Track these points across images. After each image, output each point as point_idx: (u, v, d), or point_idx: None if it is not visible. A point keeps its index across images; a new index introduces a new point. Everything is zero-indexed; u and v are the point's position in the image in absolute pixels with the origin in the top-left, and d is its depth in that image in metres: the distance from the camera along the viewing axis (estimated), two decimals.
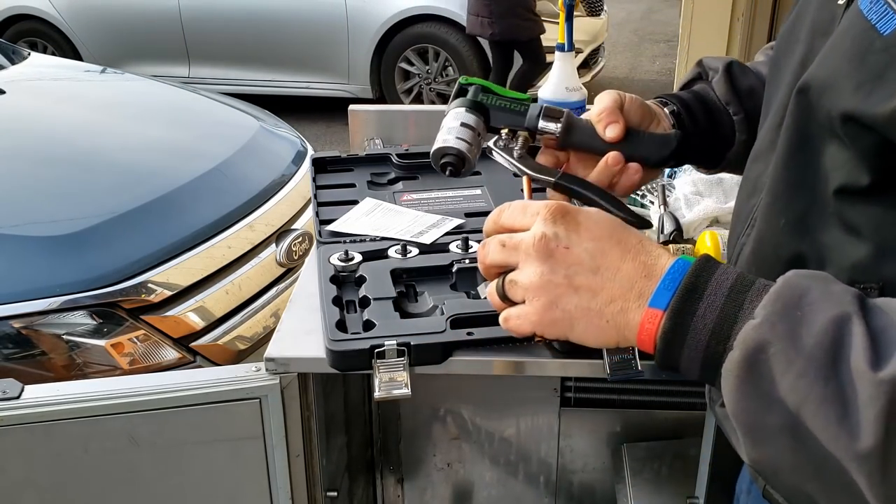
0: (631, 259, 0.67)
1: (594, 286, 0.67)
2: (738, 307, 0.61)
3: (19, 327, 1.86)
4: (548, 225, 0.69)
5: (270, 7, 5.91)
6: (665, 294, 0.64)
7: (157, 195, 2.22)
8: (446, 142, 0.91)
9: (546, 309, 0.68)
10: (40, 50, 6.00)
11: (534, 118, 0.91)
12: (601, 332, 0.67)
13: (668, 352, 0.64)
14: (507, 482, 1.74)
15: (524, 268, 0.69)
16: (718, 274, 0.64)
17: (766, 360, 0.58)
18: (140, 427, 1.03)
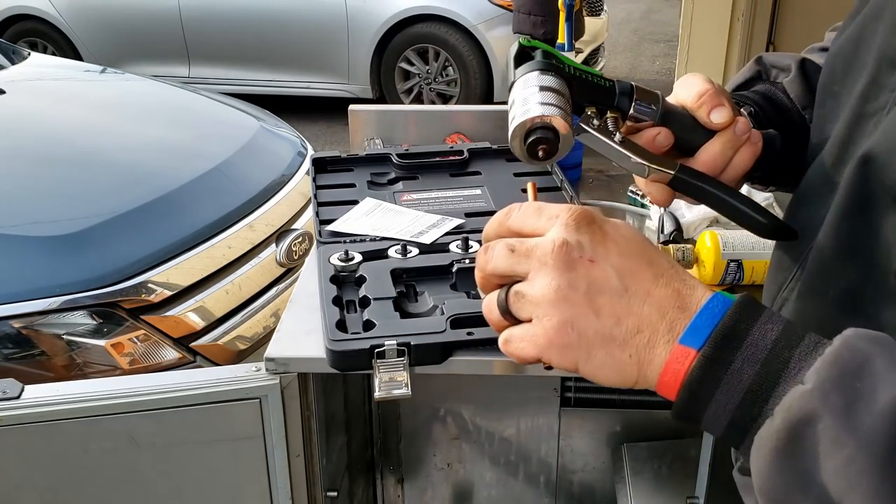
0: (664, 284, 0.56)
1: (619, 310, 0.56)
2: (783, 365, 0.52)
3: (19, 327, 1.86)
4: (570, 231, 0.57)
5: (270, 7, 5.92)
6: (700, 332, 0.54)
7: (157, 195, 2.23)
8: (528, 112, 0.68)
9: (559, 330, 0.56)
10: (40, 50, 6.00)
11: (625, 98, 0.74)
12: (620, 368, 0.56)
13: (692, 404, 0.55)
14: (507, 482, 1.74)
15: (536, 278, 0.57)
16: (763, 321, 0.54)
17: (811, 436, 0.48)
18: (140, 427, 1.03)
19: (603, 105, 0.73)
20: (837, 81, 0.73)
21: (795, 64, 0.86)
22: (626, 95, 0.73)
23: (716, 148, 0.74)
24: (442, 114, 1.72)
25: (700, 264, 1.24)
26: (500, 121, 1.63)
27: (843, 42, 0.74)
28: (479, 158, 1.46)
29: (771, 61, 0.89)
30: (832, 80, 0.75)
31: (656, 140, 0.73)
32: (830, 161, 0.70)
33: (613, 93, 0.73)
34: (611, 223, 0.59)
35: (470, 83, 5.85)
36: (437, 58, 5.92)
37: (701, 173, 0.72)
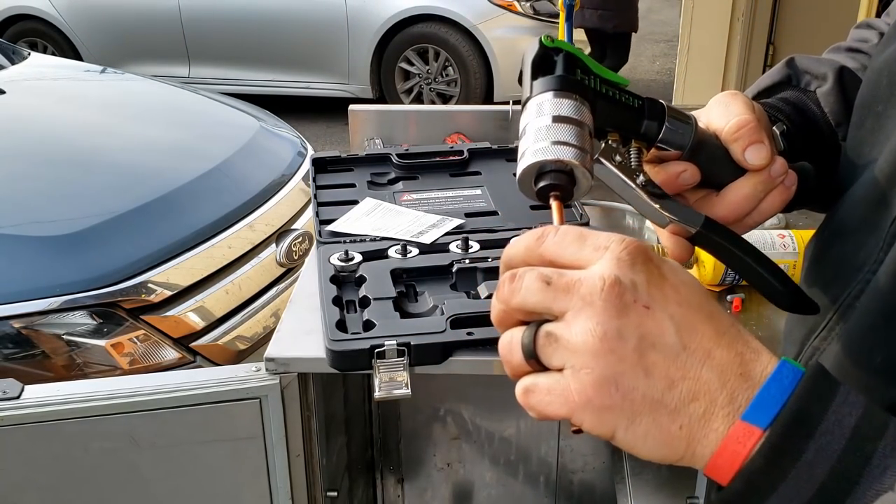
0: (726, 345, 0.47)
1: (673, 372, 0.46)
2: (865, 461, 0.43)
3: (19, 327, 1.86)
4: (623, 268, 0.47)
5: (270, 7, 5.92)
6: (768, 409, 0.45)
7: (157, 195, 2.23)
8: (539, 153, 0.58)
9: (599, 387, 0.46)
10: (40, 50, 6.01)
11: (654, 124, 0.63)
12: (667, 442, 0.47)
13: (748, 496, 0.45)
14: (507, 482, 1.74)
15: (577, 321, 0.46)
16: (839, 402, 0.45)
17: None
18: (140, 427, 1.03)
19: (628, 131, 0.63)
20: (881, 101, 0.65)
21: (833, 73, 0.76)
22: (656, 120, 0.63)
23: (746, 190, 0.64)
24: (442, 114, 1.72)
25: (700, 264, 1.24)
26: (500, 121, 1.63)
27: (889, 57, 0.66)
28: (479, 158, 1.46)
29: (804, 66, 0.79)
30: (875, 98, 0.66)
31: (681, 177, 0.64)
32: (873, 195, 0.61)
33: (642, 116, 0.63)
34: (668, 264, 0.50)
35: (470, 83, 5.85)
36: (437, 58, 5.93)
37: (726, 229, 0.62)
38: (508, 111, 1.63)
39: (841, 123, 0.74)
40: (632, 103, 0.63)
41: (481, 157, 1.46)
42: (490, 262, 1.13)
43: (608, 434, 0.47)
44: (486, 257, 1.14)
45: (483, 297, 1.06)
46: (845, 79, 0.76)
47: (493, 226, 1.23)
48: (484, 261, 1.13)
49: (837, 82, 0.75)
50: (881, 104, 0.65)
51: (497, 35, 5.73)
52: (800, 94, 0.77)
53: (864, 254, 0.61)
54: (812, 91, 0.77)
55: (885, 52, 0.67)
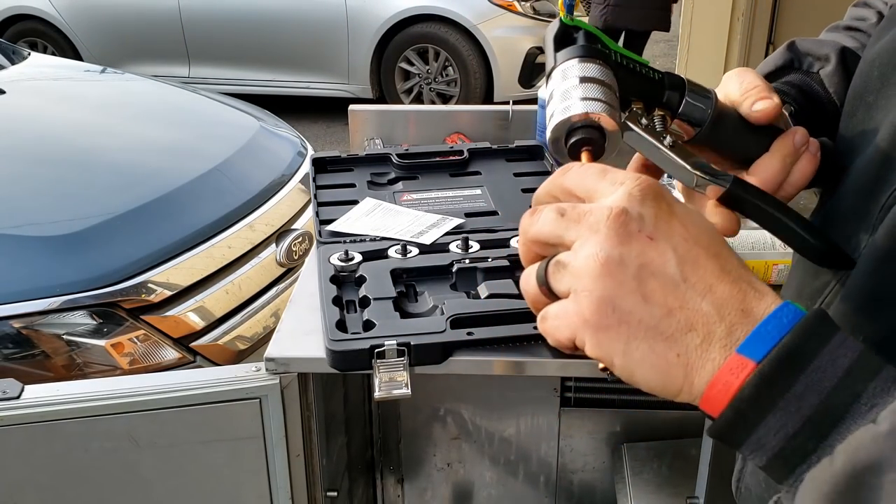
0: (729, 282, 0.48)
1: (671, 301, 0.48)
2: (854, 398, 0.44)
3: (19, 327, 1.86)
4: (633, 201, 0.49)
5: (270, 7, 5.92)
6: (763, 343, 0.46)
7: (157, 195, 2.23)
8: (569, 109, 0.59)
9: (596, 308, 0.48)
10: (40, 50, 6.01)
11: (675, 94, 0.65)
12: (664, 369, 0.48)
13: (737, 426, 0.47)
14: (507, 482, 1.74)
15: (583, 247, 0.49)
16: (835, 344, 0.46)
17: (876, 487, 0.41)
18: (140, 427, 1.03)
19: (650, 100, 0.65)
20: (872, 92, 0.66)
21: (835, 54, 0.77)
22: (677, 91, 0.65)
23: (774, 162, 0.65)
24: (442, 114, 1.72)
25: None
26: (500, 121, 1.63)
27: (880, 50, 0.67)
28: (479, 158, 1.46)
29: (805, 48, 0.79)
30: (866, 89, 0.67)
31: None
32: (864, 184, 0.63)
33: (663, 87, 0.65)
34: (682, 205, 0.51)
35: (470, 83, 5.85)
36: (437, 58, 5.93)
37: (756, 188, 0.64)
38: (508, 111, 1.63)
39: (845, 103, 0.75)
40: (652, 75, 0.65)
41: (481, 157, 1.46)
42: (490, 262, 1.12)
43: (607, 358, 0.50)
44: (486, 257, 1.14)
45: (483, 297, 1.06)
46: (848, 59, 0.76)
47: (493, 226, 1.23)
48: (484, 261, 1.13)
49: (840, 63, 0.76)
50: (872, 95, 0.66)
51: (497, 35, 5.73)
52: (803, 76, 0.77)
53: (854, 241, 0.62)
54: (815, 73, 0.77)
55: (878, 44, 0.68)
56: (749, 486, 0.77)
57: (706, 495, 1.24)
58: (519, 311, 1.01)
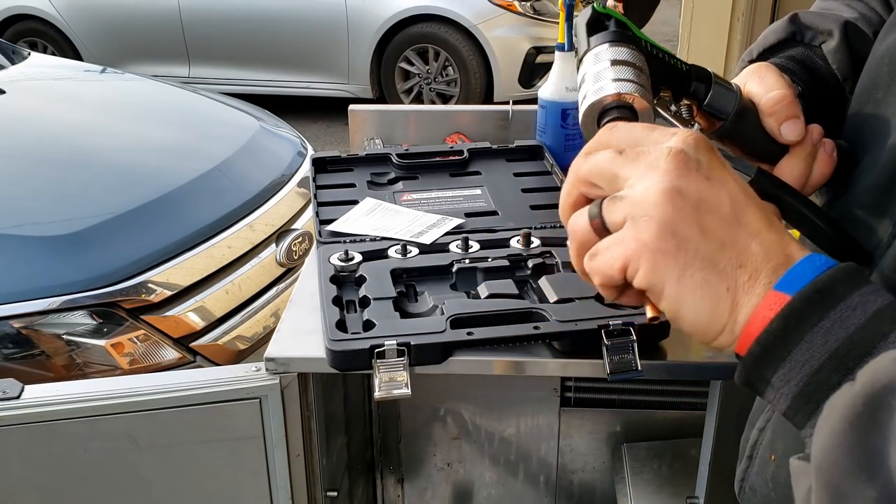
0: (775, 232, 0.50)
1: (726, 237, 0.49)
2: (881, 336, 0.45)
3: (19, 327, 1.86)
4: (689, 146, 0.51)
5: (270, 7, 5.92)
6: (798, 281, 0.47)
7: (157, 195, 2.23)
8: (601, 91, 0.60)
9: (658, 232, 0.49)
10: (40, 50, 6.01)
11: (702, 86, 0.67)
12: (714, 301, 0.49)
13: (762, 361, 0.48)
14: (507, 482, 1.74)
15: (642, 180, 0.50)
16: (868, 290, 0.47)
17: (894, 408, 0.41)
18: (140, 427, 1.03)
19: (678, 90, 0.66)
20: (882, 88, 0.66)
21: (838, 28, 0.76)
22: (704, 83, 0.66)
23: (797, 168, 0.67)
24: (442, 114, 1.72)
25: None
26: (500, 121, 1.63)
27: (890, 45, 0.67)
28: (479, 158, 1.46)
29: (808, 22, 0.79)
30: (875, 85, 0.67)
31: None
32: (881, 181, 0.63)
33: (690, 77, 0.66)
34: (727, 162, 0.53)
35: (470, 83, 5.85)
36: (437, 58, 5.92)
37: (780, 180, 0.65)
38: (508, 111, 1.63)
39: (848, 78, 0.75)
40: (680, 66, 0.66)
41: (481, 157, 1.46)
42: (490, 262, 1.13)
43: (660, 285, 0.49)
44: (486, 257, 1.14)
45: (483, 297, 1.06)
46: (850, 33, 0.76)
47: (493, 226, 1.23)
48: (484, 261, 1.13)
49: (843, 38, 0.76)
50: (881, 91, 0.66)
51: (497, 35, 5.73)
52: (805, 50, 0.78)
53: (874, 240, 0.62)
54: (817, 46, 0.77)
55: (888, 39, 0.67)
56: (754, 486, 0.77)
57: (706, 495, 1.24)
58: (519, 311, 1.01)
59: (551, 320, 0.98)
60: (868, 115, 0.67)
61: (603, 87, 0.60)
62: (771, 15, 4.66)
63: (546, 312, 0.99)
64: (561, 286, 1.04)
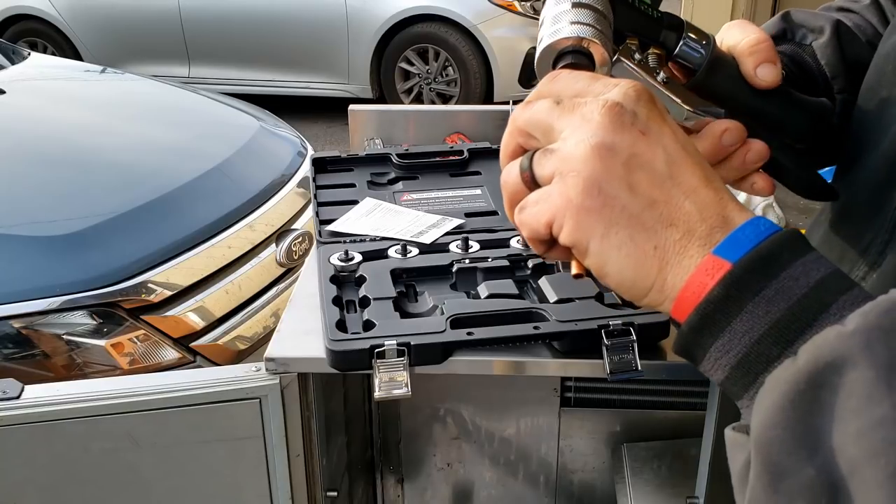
0: (713, 189, 0.48)
1: (656, 195, 0.47)
2: (824, 307, 0.43)
3: (19, 327, 1.86)
4: (628, 98, 0.49)
5: (270, 7, 5.92)
6: (739, 247, 0.46)
7: (157, 195, 2.23)
8: (558, 33, 0.57)
9: (584, 188, 0.47)
10: (40, 50, 6.01)
11: (672, 34, 0.63)
12: (639, 260, 0.47)
13: (701, 330, 0.46)
14: (507, 482, 1.74)
15: (574, 133, 0.49)
16: (810, 258, 0.45)
17: (837, 387, 0.40)
18: (140, 427, 1.03)
19: (647, 38, 0.63)
20: (886, 86, 0.65)
21: (830, 26, 0.75)
22: (674, 31, 0.63)
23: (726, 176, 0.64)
24: (442, 114, 1.72)
25: None
26: (500, 121, 1.63)
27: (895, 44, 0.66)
28: (479, 158, 1.46)
29: (800, 20, 0.78)
30: (880, 83, 0.66)
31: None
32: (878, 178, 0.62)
33: (661, 26, 0.63)
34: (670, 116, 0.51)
35: (470, 83, 5.85)
36: (437, 58, 5.92)
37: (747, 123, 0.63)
38: (508, 111, 1.63)
39: (837, 76, 0.74)
40: (651, 13, 0.63)
41: (481, 157, 1.46)
42: (490, 262, 1.13)
43: (584, 241, 0.48)
44: (486, 257, 1.14)
45: (483, 297, 1.06)
46: (842, 32, 0.75)
47: (493, 226, 1.23)
48: (484, 261, 1.13)
49: (834, 35, 0.75)
50: (886, 89, 0.65)
51: (497, 35, 5.73)
52: (795, 47, 0.76)
53: (869, 235, 0.62)
54: (808, 45, 0.76)
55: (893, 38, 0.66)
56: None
57: (706, 495, 1.24)
58: (519, 311, 1.01)
59: (551, 320, 0.98)
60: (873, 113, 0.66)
61: (560, 30, 0.57)
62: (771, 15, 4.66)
63: (546, 312, 0.99)
64: (561, 286, 1.04)
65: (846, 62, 0.74)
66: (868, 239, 0.62)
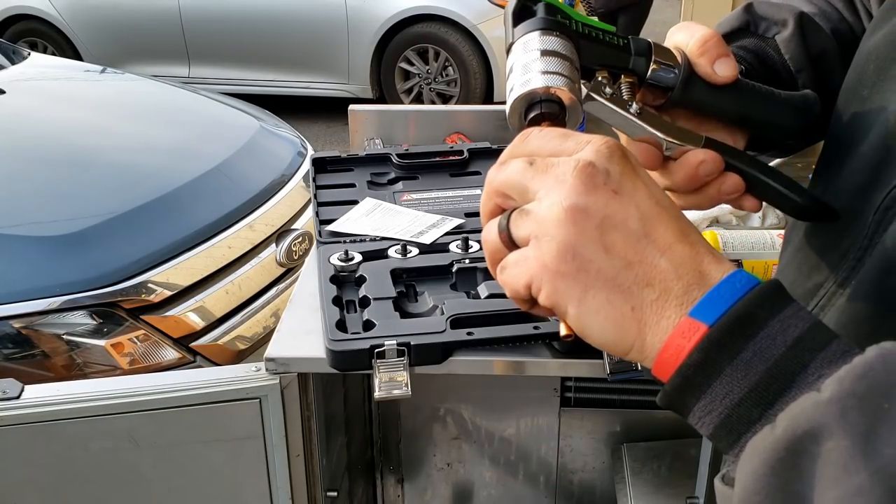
0: (689, 244, 0.48)
1: (631, 255, 0.47)
2: (801, 367, 0.44)
3: (19, 327, 1.86)
4: (600, 156, 0.49)
5: (270, 7, 5.92)
6: (716, 307, 0.46)
7: (157, 195, 2.23)
8: (528, 83, 0.58)
9: (557, 254, 0.48)
10: (40, 50, 6.01)
11: (642, 59, 0.63)
12: (618, 321, 0.48)
13: (684, 391, 0.47)
14: (507, 482, 1.74)
15: (548, 195, 0.49)
16: (787, 313, 0.45)
17: (816, 455, 0.40)
18: (140, 427, 1.03)
19: (616, 68, 0.63)
20: (867, 86, 0.64)
21: (793, 18, 0.74)
22: (644, 56, 0.63)
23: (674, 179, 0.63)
24: (442, 114, 1.72)
25: None
26: (500, 121, 1.63)
27: (877, 42, 0.64)
28: (479, 158, 1.46)
29: (763, 12, 0.76)
30: (861, 83, 0.65)
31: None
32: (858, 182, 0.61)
33: (628, 53, 0.63)
34: (644, 169, 0.51)
35: (470, 83, 5.85)
36: (437, 58, 5.92)
37: (730, 147, 0.62)
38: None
39: (801, 70, 0.73)
40: (616, 42, 0.63)
41: (481, 157, 1.46)
42: None
43: (562, 305, 0.49)
44: None
45: (483, 297, 1.06)
46: (805, 24, 0.74)
47: None
48: (484, 261, 1.13)
49: (798, 28, 0.73)
50: (867, 89, 0.64)
51: (497, 35, 5.73)
52: (758, 41, 0.75)
53: (848, 241, 0.61)
54: (771, 38, 0.75)
55: (874, 37, 0.65)
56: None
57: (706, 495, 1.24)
58: (519, 311, 1.01)
59: (551, 320, 0.98)
60: (854, 113, 0.65)
61: (530, 80, 0.58)
62: None
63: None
64: None
65: (810, 56, 0.73)
66: (846, 245, 0.60)
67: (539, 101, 0.58)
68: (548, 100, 0.58)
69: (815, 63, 0.73)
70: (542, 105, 0.58)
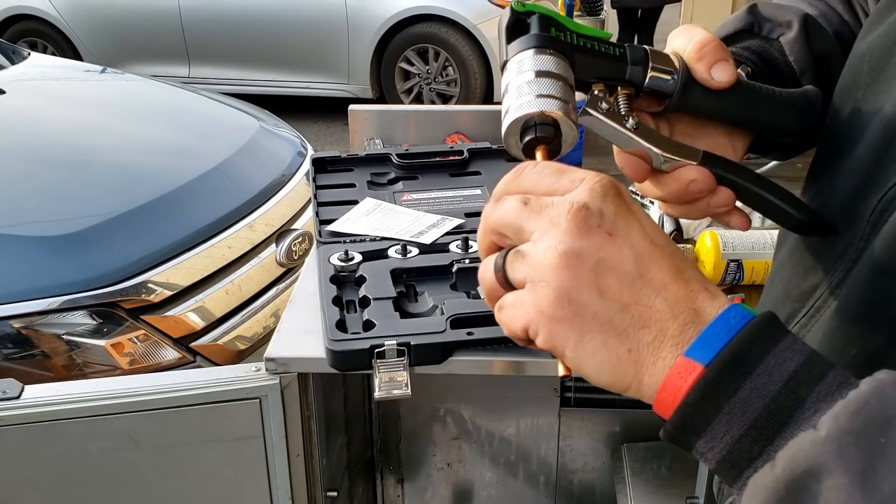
0: (683, 282, 0.48)
1: (626, 297, 0.48)
2: (798, 403, 0.44)
3: (19, 327, 1.86)
4: (594, 197, 0.49)
5: (270, 7, 5.92)
6: (711, 347, 0.46)
7: (157, 195, 2.23)
8: (523, 107, 0.58)
9: (553, 300, 0.48)
10: (40, 50, 6.01)
11: (639, 69, 0.62)
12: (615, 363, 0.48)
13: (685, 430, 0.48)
14: (507, 482, 1.74)
15: (543, 239, 0.49)
16: (782, 348, 0.46)
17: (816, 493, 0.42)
18: (140, 427, 1.03)
19: (613, 80, 0.62)
20: (861, 87, 0.64)
21: (798, 20, 0.73)
22: (640, 65, 0.62)
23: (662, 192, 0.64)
24: (442, 114, 1.72)
25: (700, 264, 1.24)
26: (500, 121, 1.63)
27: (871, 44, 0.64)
28: (479, 158, 1.46)
29: (767, 14, 0.75)
30: (855, 84, 0.65)
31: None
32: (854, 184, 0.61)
33: (625, 63, 0.62)
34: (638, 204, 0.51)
35: (470, 83, 5.85)
36: (437, 58, 5.92)
37: (727, 161, 0.62)
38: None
39: (805, 72, 0.72)
40: (612, 52, 0.62)
41: (481, 157, 1.46)
42: None
43: (560, 349, 0.49)
44: None
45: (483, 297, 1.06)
46: (810, 26, 0.73)
47: None
48: None
49: (802, 30, 0.73)
50: (861, 90, 0.64)
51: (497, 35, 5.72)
52: (762, 42, 0.74)
53: (843, 243, 0.61)
54: (775, 39, 0.74)
55: (868, 38, 0.65)
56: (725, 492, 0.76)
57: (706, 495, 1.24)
58: None
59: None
60: (848, 115, 0.65)
61: (526, 104, 0.58)
62: None
63: None
64: None
65: (814, 57, 0.73)
66: (841, 247, 0.60)
67: (534, 125, 0.58)
68: (542, 123, 0.58)
69: (819, 65, 0.73)
70: (538, 129, 0.58)
